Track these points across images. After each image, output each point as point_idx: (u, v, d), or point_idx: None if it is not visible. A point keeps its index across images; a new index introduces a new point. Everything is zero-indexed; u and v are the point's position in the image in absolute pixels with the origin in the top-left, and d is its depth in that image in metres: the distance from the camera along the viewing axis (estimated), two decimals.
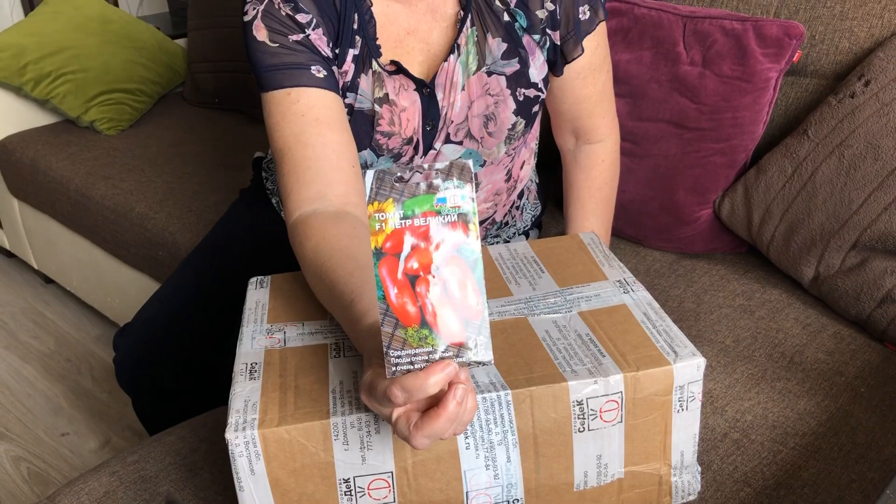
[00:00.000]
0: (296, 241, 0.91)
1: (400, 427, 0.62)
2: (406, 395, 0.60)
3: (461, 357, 0.60)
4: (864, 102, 1.13)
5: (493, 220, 1.18)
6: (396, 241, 0.59)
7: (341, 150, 0.93)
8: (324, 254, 0.84)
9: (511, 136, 1.06)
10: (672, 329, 0.81)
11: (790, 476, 0.88)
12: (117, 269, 1.80)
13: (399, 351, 0.60)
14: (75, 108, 1.94)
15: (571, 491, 0.78)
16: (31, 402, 1.84)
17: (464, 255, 0.59)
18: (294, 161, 0.93)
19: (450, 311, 0.60)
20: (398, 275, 0.59)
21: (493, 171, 1.10)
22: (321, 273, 0.84)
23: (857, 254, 1.12)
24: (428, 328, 0.60)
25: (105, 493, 0.89)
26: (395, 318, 0.60)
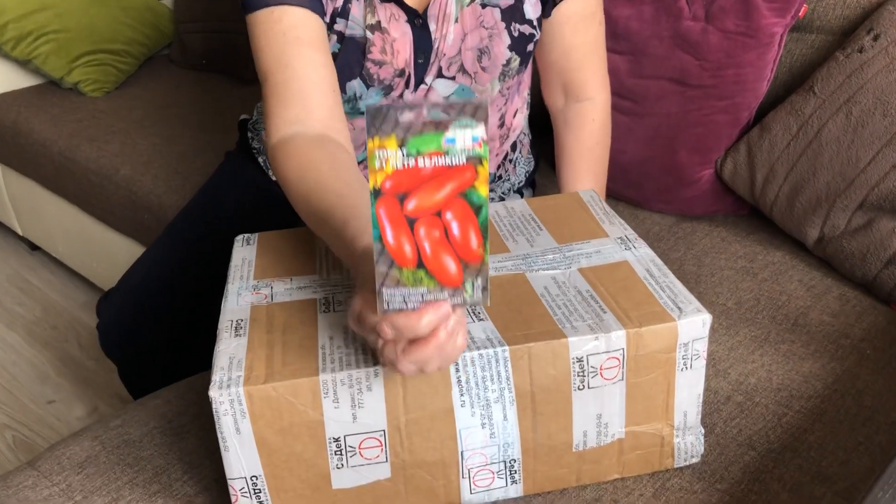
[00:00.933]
0: (277, 162, 0.89)
1: (387, 352, 0.62)
2: (396, 333, 0.60)
3: (455, 299, 0.59)
4: (872, 57, 1.09)
5: None
6: (397, 181, 0.56)
7: (323, 71, 0.91)
8: (310, 176, 0.83)
9: (505, 73, 1.02)
10: (676, 285, 0.77)
11: (795, 439, 0.85)
12: (103, 233, 1.76)
13: (392, 289, 0.58)
14: (58, 69, 1.88)
15: (570, 451, 0.75)
16: (17, 370, 1.81)
17: (469, 200, 0.56)
18: (275, 82, 0.92)
19: (448, 254, 0.58)
20: (397, 216, 0.57)
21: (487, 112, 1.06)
22: (308, 195, 0.82)
23: (863, 213, 1.09)
24: (424, 270, 0.58)
25: (87, 457, 0.86)
26: (391, 259, 0.58)
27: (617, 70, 1.29)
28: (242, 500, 0.72)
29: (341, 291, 0.80)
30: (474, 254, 0.58)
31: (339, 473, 0.72)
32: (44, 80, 2.02)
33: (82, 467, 0.85)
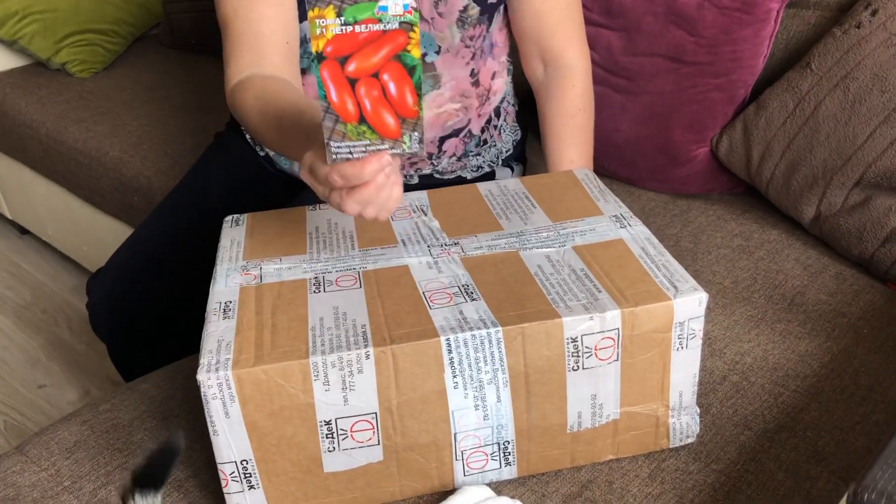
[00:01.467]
0: (236, 100, 0.97)
1: (333, 198, 0.71)
2: (344, 181, 0.68)
3: (396, 149, 0.67)
4: (870, 33, 1.07)
5: (471, 133, 1.14)
6: (337, 46, 0.63)
7: (275, 25, 0.97)
8: (268, 95, 0.91)
9: (464, 20, 1.02)
10: (672, 264, 0.76)
11: (792, 419, 0.85)
12: (92, 216, 1.74)
13: (339, 142, 0.66)
14: (45, 50, 1.85)
15: (564, 433, 0.74)
16: (7, 354, 1.80)
17: (403, 62, 0.63)
18: (233, 33, 0.99)
19: (387, 110, 0.65)
20: (339, 78, 0.64)
21: (453, 62, 1.05)
22: (266, 109, 0.89)
23: (860, 191, 1.07)
24: (366, 124, 0.65)
25: (76, 442, 0.85)
26: (336, 115, 0.65)
27: (611, 47, 1.27)
28: (233, 485, 0.71)
29: (332, 271, 0.78)
30: (410, 110, 0.65)
31: (330, 457, 0.71)
32: (31, 60, 1.99)
33: (71, 452, 0.84)
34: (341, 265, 0.80)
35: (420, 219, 0.88)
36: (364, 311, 0.72)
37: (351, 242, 0.84)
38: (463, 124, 1.11)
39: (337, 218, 0.89)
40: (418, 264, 0.79)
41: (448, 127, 1.10)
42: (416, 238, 0.84)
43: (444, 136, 1.11)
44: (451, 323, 0.69)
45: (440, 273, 0.77)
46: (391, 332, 0.69)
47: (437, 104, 1.07)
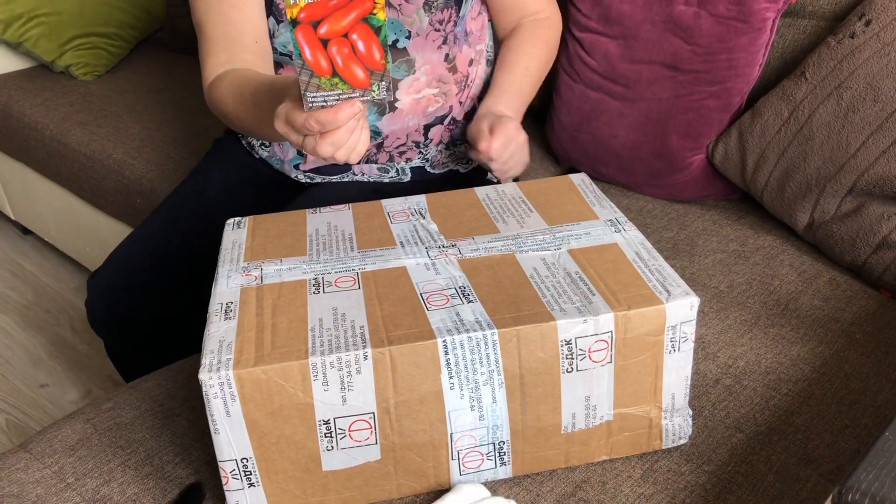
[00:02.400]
0: (213, 94, 1.04)
1: (308, 142, 0.79)
2: (320, 126, 0.75)
3: (366, 96, 0.74)
4: (864, 43, 1.09)
5: (455, 120, 1.16)
6: (310, 12, 0.70)
7: (243, 27, 1.04)
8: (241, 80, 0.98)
9: (430, 4, 1.05)
10: (665, 268, 0.78)
11: (783, 422, 0.86)
12: (95, 217, 1.76)
13: (315, 93, 0.73)
14: (49, 53, 1.87)
15: (559, 433, 0.76)
16: (10, 354, 1.81)
17: (370, 23, 0.71)
18: (206, 35, 1.06)
19: (356, 64, 0.72)
20: (312, 39, 0.70)
21: (424, 46, 1.07)
22: (241, 91, 0.97)
23: (853, 199, 1.09)
24: (338, 77, 0.72)
25: (79, 440, 0.87)
26: (311, 70, 0.72)
27: (609, 54, 1.29)
28: (233, 482, 0.72)
29: (331, 273, 0.80)
30: (378, 63, 0.72)
31: (329, 455, 0.72)
32: (35, 63, 2.00)
33: (74, 450, 0.85)
34: (340, 266, 0.81)
35: (418, 222, 0.89)
36: (362, 312, 0.74)
37: (350, 244, 0.86)
38: (444, 111, 1.13)
39: (337, 220, 0.91)
40: (416, 265, 0.80)
41: (430, 113, 1.12)
42: (414, 240, 0.85)
43: (429, 124, 1.12)
44: (448, 325, 0.71)
45: (437, 275, 0.79)
46: (389, 334, 0.70)
47: (414, 89, 1.09)
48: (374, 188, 1.13)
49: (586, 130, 1.34)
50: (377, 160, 1.14)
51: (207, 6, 1.05)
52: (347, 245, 0.85)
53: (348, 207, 0.94)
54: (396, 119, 1.09)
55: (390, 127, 1.10)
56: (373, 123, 1.09)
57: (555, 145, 1.41)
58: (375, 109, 1.08)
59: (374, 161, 1.14)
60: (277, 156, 1.18)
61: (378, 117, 1.09)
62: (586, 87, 1.33)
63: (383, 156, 1.13)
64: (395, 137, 1.11)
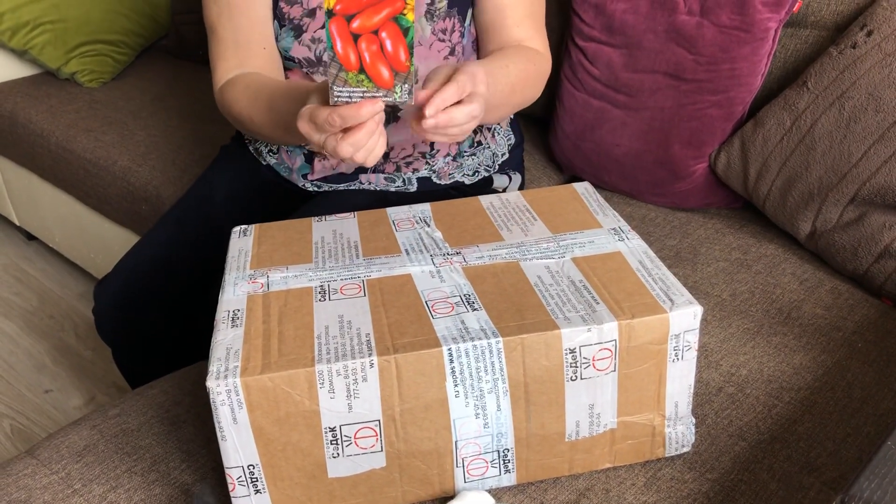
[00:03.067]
0: (225, 96, 1.07)
1: (329, 142, 0.81)
2: (342, 121, 0.77)
3: (388, 97, 0.77)
4: (866, 53, 1.10)
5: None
6: (345, 5, 0.73)
7: (252, 34, 1.07)
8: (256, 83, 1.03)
9: (432, 13, 1.04)
10: (668, 277, 0.78)
11: (785, 430, 0.87)
12: (100, 224, 1.77)
13: (341, 87, 0.76)
14: (55, 60, 1.88)
15: (563, 441, 0.76)
16: (14, 359, 1.82)
17: (399, 24, 0.74)
18: (217, 38, 1.09)
19: (383, 63, 0.75)
20: (345, 32, 0.74)
21: (427, 56, 1.07)
22: (257, 94, 1.01)
23: (855, 208, 1.10)
24: (365, 74, 0.76)
25: (85, 446, 0.87)
26: (340, 64, 0.75)
27: (612, 63, 1.30)
28: (240, 489, 0.73)
29: (337, 280, 0.81)
30: (403, 65, 0.75)
31: (334, 462, 0.73)
32: (40, 70, 2.01)
33: (81, 456, 0.86)
34: (346, 274, 0.82)
35: (423, 230, 0.90)
36: (368, 319, 0.74)
37: (356, 251, 0.86)
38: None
39: (342, 228, 0.91)
40: (421, 273, 0.81)
41: None
42: (419, 248, 0.86)
43: None
44: (453, 333, 0.72)
45: (442, 282, 0.79)
46: (394, 342, 0.71)
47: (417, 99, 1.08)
48: (380, 197, 1.14)
49: (589, 139, 1.35)
50: (384, 170, 1.14)
51: (219, 10, 1.07)
52: (353, 252, 0.86)
53: (354, 215, 0.94)
54: (401, 129, 1.10)
55: (395, 137, 1.10)
56: None
57: (558, 154, 1.42)
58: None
59: (381, 171, 1.14)
60: (286, 163, 1.19)
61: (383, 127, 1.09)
62: (589, 96, 1.34)
63: (390, 166, 1.14)
64: (401, 148, 1.12)
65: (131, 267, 1.12)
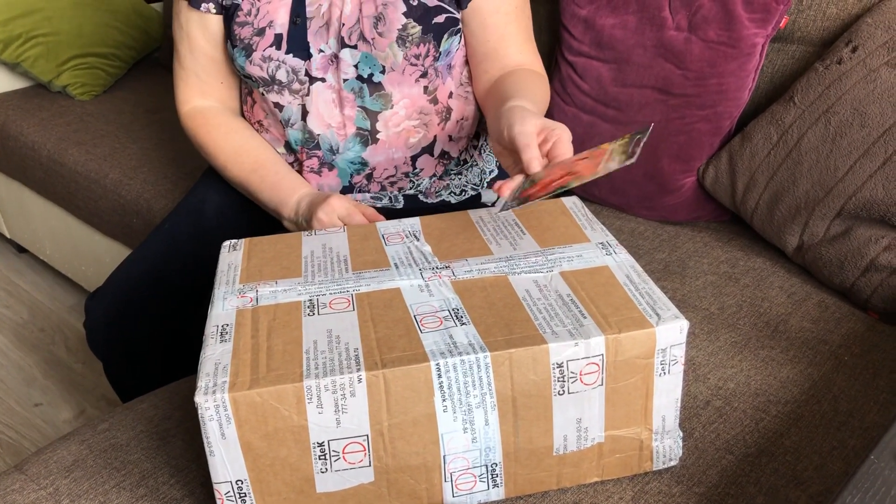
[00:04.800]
0: (195, 125, 1.17)
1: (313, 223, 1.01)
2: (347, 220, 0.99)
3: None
4: (851, 69, 1.11)
5: (447, 154, 1.17)
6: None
7: (210, 69, 1.15)
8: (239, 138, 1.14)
9: (404, 39, 1.05)
10: (655, 292, 0.79)
11: (772, 443, 0.87)
12: (91, 237, 1.77)
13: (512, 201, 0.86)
14: (47, 72, 1.89)
15: (550, 455, 0.77)
16: (4, 372, 1.81)
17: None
18: (180, 61, 1.17)
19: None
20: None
21: (401, 80, 1.08)
22: (242, 156, 1.13)
23: (841, 222, 1.11)
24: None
25: (74, 461, 0.87)
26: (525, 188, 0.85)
27: (601, 78, 1.31)
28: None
29: (326, 294, 0.81)
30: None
31: (323, 477, 0.73)
32: (32, 82, 2.02)
33: (69, 471, 0.86)
34: (335, 287, 0.82)
35: (412, 244, 0.90)
36: (357, 334, 0.75)
37: (345, 265, 0.87)
38: (428, 141, 1.13)
39: (332, 242, 0.92)
40: (410, 287, 0.81)
41: (413, 145, 1.12)
42: (408, 261, 0.86)
43: (415, 155, 1.13)
44: (441, 347, 0.72)
45: (431, 296, 0.80)
46: (383, 357, 0.71)
47: (394, 123, 1.10)
48: None
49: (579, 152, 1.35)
50: (369, 189, 1.15)
51: (180, 38, 1.15)
52: (342, 266, 0.86)
53: (343, 229, 0.95)
54: (380, 151, 1.11)
55: (375, 158, 1.11)
56: (358, 154, 1.10)
57: None
58: (359, 140, 1.10)
59: (366, 191, 1.15)
60: None
61: (362, 148, 1.10)
62: (579, 111, 1.34)
63: (375, 185, 1.14)
64: (383, 168, 1.12)
65: (123, 281, 1.13)
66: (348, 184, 1.13)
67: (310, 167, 1.12)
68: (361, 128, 1.08)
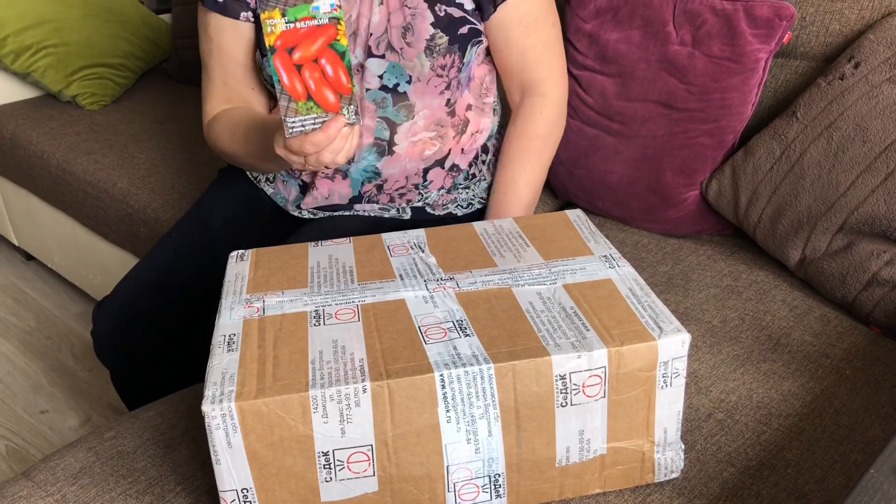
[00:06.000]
0: (211, 132, 1.15)
1: (310, 160, 0.88)
2: (316, 148, 0.86)
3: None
4: (853, 84, 1.12)
5: (457, 167, 1.18)
6: (284, 40, 0.78)
7: (240, 76, 1.15)
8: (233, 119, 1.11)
9: (432, 49, 1.07)
10: (657, 305, 0.80)
11: (773, 456, 0.88)
12: (98, 245, 1.78)
13: (293, 118, 0.82)
14: (57, 83, 1.91)
15: (553, 466, 0.77)
16: (11, 380, 1.82)
17: (335, 49, 0.79)
18: (208, 74, 1.16)
19: (327, 88, 0.81)
20: (288, 64, 0.79)
21: (425, 91, 1.10)
22: (234, 130, 1.09)
23: (843, 236, 1.11)
24: (312, 101, 0.82)
25: (81, 468, 0.88)
26: (288, 95, 0.81)
27: (605, 92, 1.32)
28: None
29: (331, 304, 0.82)
30: (345, 87, 0.82)
31: (327, 487, 0.74)
32: (42, 92, 2.04)
33: (76, 478, 0.87)
34: (341, 298, 0.83)
35: (417, 255, 0.91)
36: (362, 345, 0.76)
37: (351, 276, 0.88)
38: (442, 154, 1.15)
39: (338, 253, 0.93)
40: (414, 298, 0.82)
41: (427, 157, 1.14)
42: (413, 272, 0.87)
43: (427, 167, 1.15)
44: (445, 358, 0.73)
45: (436, 308, 0.80)
46: (387, 367, 0.72)
47: (411, 133, 1.11)
48: (375, 223, 1.16)
49: (583, 166, 1.37)
50: (378, 200, 1.16)
51: (209, 49, 1.14)
52: (348, 277, 0.87)
53: (349, 241, 0.96)
54: (395, 162, 1.12)
55: (389, 170, 1.12)
56: (372, 164, 1.12)
57: (552, 179, 1.44)
58: (375, 150, 1.11)
59: (375, 201, 1.16)
60: (281, 193, 1.21)
61: (378, 158, 1.11)
62: (583, 124, 1.36)
63: (384, 197, 1.15)
64: (395, 180, 1.14)
65: (130, 289, 1.14)
66: (358, 193, 1.14)
67: (324, 173, 1.13)
68: (379, 138, 1.10)
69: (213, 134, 1.14)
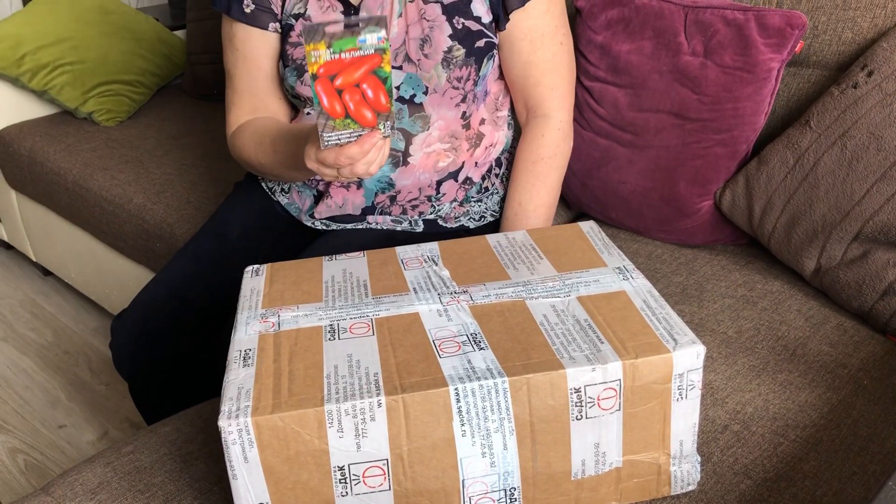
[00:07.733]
0: (236, 142, 1.15)
1: (343, 172, 0.89)
2: (349, 160, 0.86)
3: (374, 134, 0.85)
4: (866, 93, 1.11)
5: (471, 180, 1.19)
6: (328, 68, 0.80)
7: (266, 85, 1.16)
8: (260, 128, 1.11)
9: (449, 61, 1.08)
10: (672, 317, 0.80)
11: (791, 468, 0.87)
12: (115, 260, 1.79)
13: (330, 133, 0.84)
14: (73, 100, 1.93)
15: (569, 479, 0.77)
16: (29, 394, 1.84)
17: (378, 75, 0.81)
18: (233, 85, 1.17)
19: (366, 108, 0.83)
20: (330, 90, 0.81)
21: (441, 103, 1.10)
22: (260, 139, 1.09)
23: (858, 246, 1.11)
24: (350, 118, 0.83)
25: (99, 483, 0.89)
26: (327, 115, 0.82)
27: (617, 103, 1.32)
28: None
29: (346, 319, 0.82)
30: (384, 106, 0.83)
31: (343, 501, 0.74)
32: (59, 109, 2.06)
33: (95, 493, 0.87)
34: (355, 312, 0.83)
35: (431, 268, 0.92)
36: (377, 359, 0.76)
37: (365, 290, 0.88)
38: (455, 167, 1.16)
39: (352, 267, 0.93)
40: (429, 312, 0.83)
41: (441, 169, 1.14)
42: (426, 286, 0.88)
43: (441, 180, 1.15)
44: (460, 372, 0.73)
45: (450, 321, 0.81)
46: (402, 381, 0.72)
47: (426, 143, 1.12)
48: (388, 235, 1.16)
49: (596, 176, 1.37)
50: (391, 212, 1.17)
51: (234, 59, 1.14)
52: (362, 291, 0.88)
53: (363, 254, 0.96)
54: (409, 174, 1.12)
55: (402, 181, 1.13)
56: (386, 175, 1.12)
57: (565, 191, 1.44)
58: (390, 160, 1.11)
59: (387, 213, 1.16)
60: (296, 203, 1.22)
61: (392, 168, 1.12)
62: (596, 135, 1.36)
63: (396, 208, 1.16)
64: (408, 192, 1.14)
65: (147, 302, 1.15)
66: (371, 204, 1.15)
67: (339, 182, 1.14)
68: (395, 149, 1.11)
69: (239, 143, 1.15)
